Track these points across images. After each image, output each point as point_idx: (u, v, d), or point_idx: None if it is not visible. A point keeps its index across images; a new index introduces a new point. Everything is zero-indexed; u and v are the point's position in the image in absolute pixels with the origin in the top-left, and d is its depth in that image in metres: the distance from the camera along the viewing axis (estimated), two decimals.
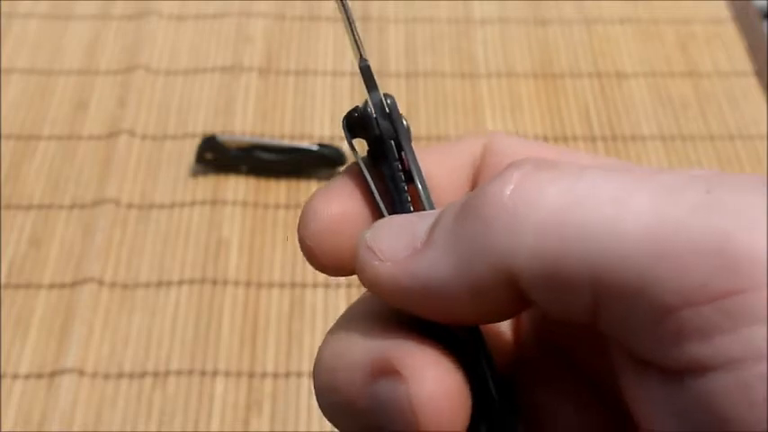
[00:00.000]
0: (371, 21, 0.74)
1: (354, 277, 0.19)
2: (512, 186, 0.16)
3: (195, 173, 0.63)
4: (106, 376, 0.53)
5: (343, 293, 0.57)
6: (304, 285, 0.57)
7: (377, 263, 0.18)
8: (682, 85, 0.71)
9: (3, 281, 0.57)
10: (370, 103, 0.20)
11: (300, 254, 0.20)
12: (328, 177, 0.63)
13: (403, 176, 0.19)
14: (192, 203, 0.61)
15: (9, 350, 0.54)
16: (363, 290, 0.19)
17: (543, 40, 0.74)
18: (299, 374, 0.53)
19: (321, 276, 0.56)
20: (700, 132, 0.68)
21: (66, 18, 0.74)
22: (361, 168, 0.20)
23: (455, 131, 0.67)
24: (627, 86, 0.71)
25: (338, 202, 0.20)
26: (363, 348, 0.18)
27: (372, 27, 0.74)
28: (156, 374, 0.53)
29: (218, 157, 0.62)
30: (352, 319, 0.19)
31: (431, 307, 0.17)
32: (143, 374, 0.53)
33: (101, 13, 0.74)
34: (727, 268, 0.14)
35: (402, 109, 0.21)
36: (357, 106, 0.20)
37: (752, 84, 0.71)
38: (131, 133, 0.65)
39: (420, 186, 0.19)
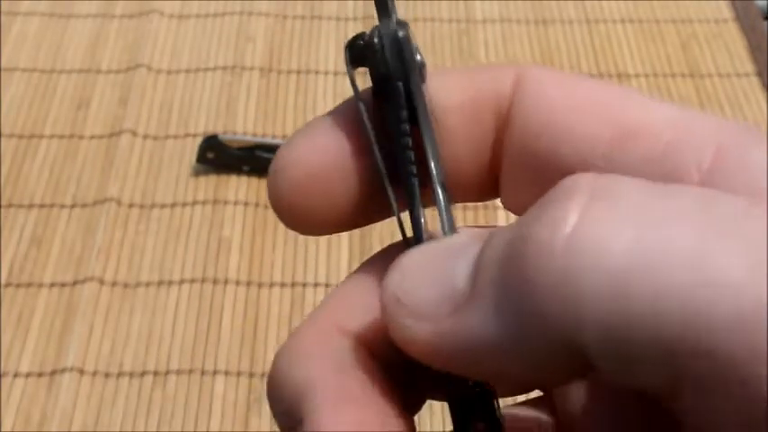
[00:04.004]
0: (372, 21, 0.74)
1: None
2: (565, 235, 0.13)
3: (196, 172, 0.63)
4: (106, 375, 0.53)
5: None
6: (304, 285, 0.57)
7: (414, 324, 0.14)
8: (683, 85, 0.71)
9: (4, 280, 0.57)
10: (378, 32, 0.17)
11: (301, 253, 0.19)
12: None
13: (408, 127, 0.16)
14: (194, 203, 0.61)
15: (9, 349, 0.54)
16: None
17: (545, 39, 0.74)
18: None
19: (321, 276, 0.56)
20: None
21: (67, 17, 0.74)
22: (358, 107, 0.17)
23: None
24: (628, 87, 0.70)
25: (320, 150, 0.17)
26: None
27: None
28: (156, 374, 0.53)
29: (219, 156, 0.62)
30: None
31: (475, 372, 0.15)
32: (143, 373, 0.53)
33: (102, 12, 0.74)
34: None
35: None
36: (363, 32, 0.17)
37: (753, 84, 0.71)
38: (133, 132, 0.65)
39: (428, 145, 0.16)
